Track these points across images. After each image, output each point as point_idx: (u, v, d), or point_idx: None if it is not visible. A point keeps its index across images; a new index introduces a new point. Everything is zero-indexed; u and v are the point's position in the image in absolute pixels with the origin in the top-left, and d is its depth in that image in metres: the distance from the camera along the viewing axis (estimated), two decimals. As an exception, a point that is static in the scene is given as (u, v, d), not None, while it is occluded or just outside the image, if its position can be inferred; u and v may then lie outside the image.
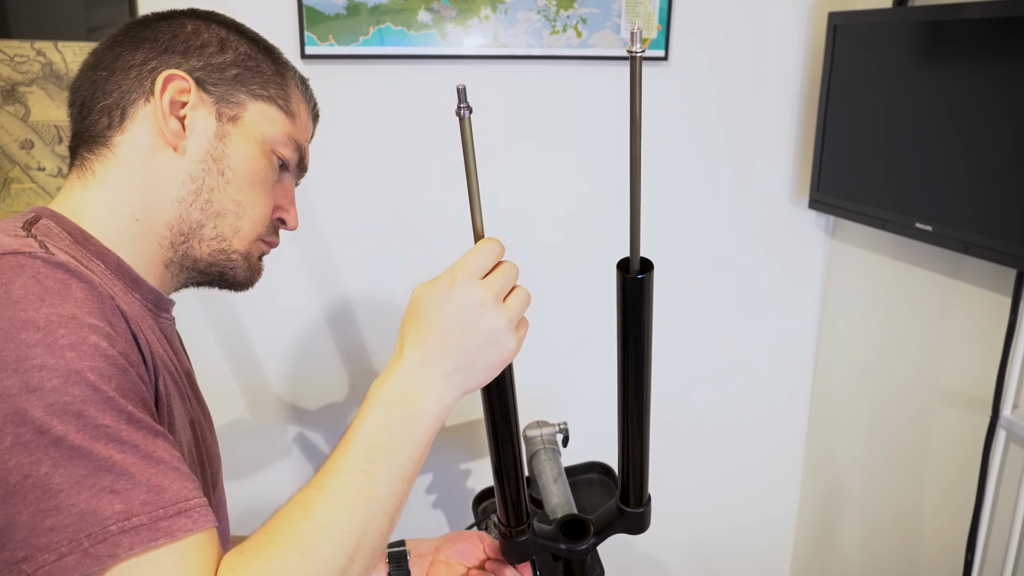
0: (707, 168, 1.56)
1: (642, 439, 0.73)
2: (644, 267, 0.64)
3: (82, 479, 0.46)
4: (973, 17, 1.14)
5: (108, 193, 0.66)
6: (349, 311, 1.43)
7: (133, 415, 0.50)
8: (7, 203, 1.22)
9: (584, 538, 0.78)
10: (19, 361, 0.46)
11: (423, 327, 0.60)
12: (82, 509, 0.45)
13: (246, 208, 0.70)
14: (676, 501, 1.75)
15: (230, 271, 0.71)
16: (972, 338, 1.33)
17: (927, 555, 1.47)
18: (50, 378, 0.46)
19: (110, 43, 0.69)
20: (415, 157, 1.39)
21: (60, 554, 0.45)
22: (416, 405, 0.59)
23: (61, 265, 0.52)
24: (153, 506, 0.48)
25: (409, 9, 1.30)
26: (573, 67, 1.42)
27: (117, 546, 0.46)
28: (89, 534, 0.45)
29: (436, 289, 0.60)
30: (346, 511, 0.54)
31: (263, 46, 0.73)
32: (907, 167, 1.30)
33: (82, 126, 0.68)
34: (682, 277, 1.61)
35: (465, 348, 0.60)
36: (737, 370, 1.71)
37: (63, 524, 0.45)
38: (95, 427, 0.47)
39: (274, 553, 0.51)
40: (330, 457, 0.57)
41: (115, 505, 0.46)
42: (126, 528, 0.46)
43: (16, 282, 0.49)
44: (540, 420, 1.05)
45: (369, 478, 0.56)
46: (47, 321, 0.48)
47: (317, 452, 1.48)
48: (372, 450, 0.57)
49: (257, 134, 0.69)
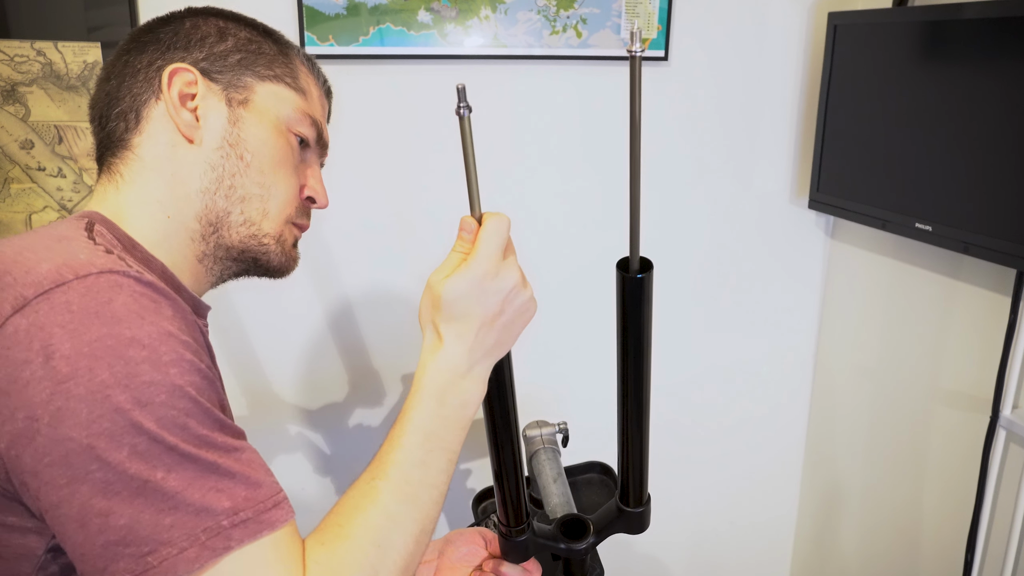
0: (707, 168, 1.56)
1: (641, 438, 0.73)
2: (644, 266, 0.64)
3: (192, 481, 0.51)
4: (973, 17, 1.14)
5: (139, 194, 0.67)
6: (349, 311, 1.44)
7: (224, 422, 0.55)
8: (7, 203, 1.22)
9: (584, 538, 0.78)
10: (129, 377, 0.50)
11: (464, 319, 0.62)
12: (196, 507, 0.50)
13: (271, 190, 0.70)
14: (676, 501, 1.75)
15: (263, 256, 0.72)
16: (972, 338, 1.33)
17: (927, 555, 1.47)
18: (158, 393, 0.51)
19: (118, 53, 0.71)
20: (415, 157, 1.39)
21: (181, 548, 0.49)
22: (466, 391, 0.63)
23: (150, 284, 0.55)
24: (254, 501, 0.53)
25: (409, 9, 1.30)
26: (573, 67, 1.42)
27: (229, 539, 0.51)
28: (205, 529, 0.50)
29: (469, 280, 0.61)
30: (412, 501, 0.60)
31: (263, 29, 0.74)
32: (907, 167, 1.30)
33: (103, 135, 0.70)
34: (682, 277, 1.61)
35: (505, 327, 0.64)
36: (737, 370, 1.71)
37: (182, 521, 0.50)
38: (198, 436, 0.52)
39: (353, 545, 0.56)
40: (389, 448, 0.61)
41: (223, 502, 0.51)
42: (236, 522, 0.51)
43: (117, 300, 0.52)
44: (540, 420, 1.05)
45: (428, 467, 0.61)
46: (150, 339, 0.52)
47: (317, 451, 1.48)
48: (429, 440, 0.62)
49: (270, 114, 0.70)
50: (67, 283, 0.51)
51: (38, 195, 1.23)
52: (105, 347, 0.50)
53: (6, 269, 0.53)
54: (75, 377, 0.49)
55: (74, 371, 0.49)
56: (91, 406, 0.49)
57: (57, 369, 0.49)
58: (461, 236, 0.64)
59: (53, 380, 0.49)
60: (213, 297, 0.79)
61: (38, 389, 0.49)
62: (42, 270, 0.52)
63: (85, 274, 0.52)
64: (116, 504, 0.49)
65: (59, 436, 0.49)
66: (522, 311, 0.65)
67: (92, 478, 0.49)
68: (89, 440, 0.49)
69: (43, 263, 0.53)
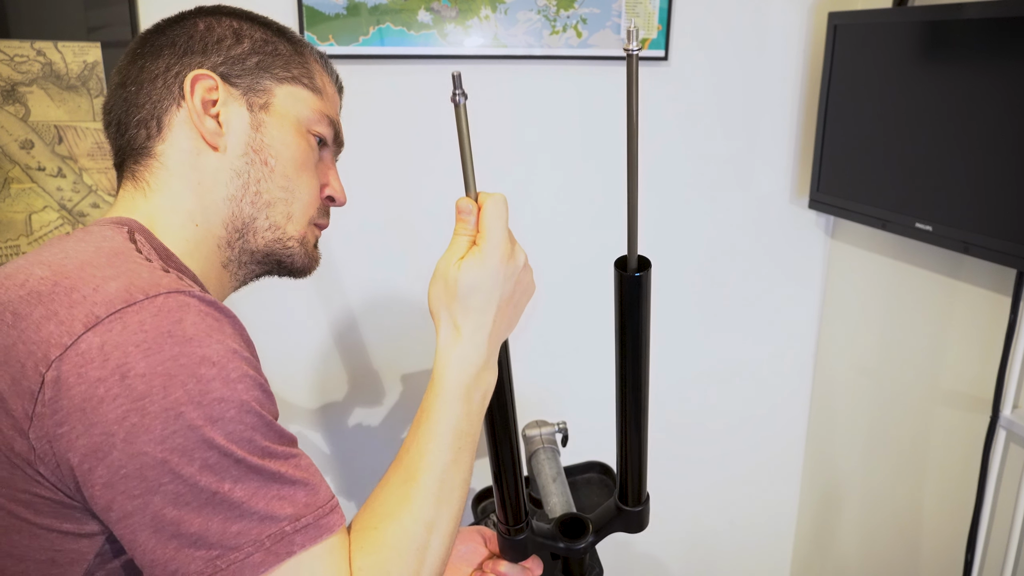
0: (707, 168, 1.56)
1: (640, 438, 0.73)
2: (642, 265, 0.64)
3: (257, 491, 0.53)
4: (973, 17, 1.14)
5: (168, 202, 0.67)
6: (349, 310, 1.44)
7: (283, 434, 0.57)
8: (7, 203, 1.22)
9: (583, 537, 0.78)
10: (202, 395, 0.52)
11: (483, 309, 0.62)
12: (262, 515, 0.53)
13: (295, 193, 0.71)
14: (676, 500, 1.75)
15: (287, 258, 0.72)
16: (972, 338, 1.33)
17: (927, 555, 1.47)
18: (228, 409, 0.53)
19: (131, 57, 0.70)
20: (415, 157, 1.39)
21: (247, 553, 0.52)
22: (487, 383, 0.65)
23: (213, 304, 0.56)
24: (314, 507, 0.55)
25: (409, 9, 1.30)
26: (573, 67, 1.43)
27: (292, 544, 0.53)
28: (270, 535, 0.53)
29: (486, 267, 0.62)
30: (448, 504, 0.62)
31: (275, 28, 0.73)
32: (907, 167, 1.30)
33: (122, 142, 0.69)
34: (682, 277, 1.61)
35: (515, 308, 0.66)
36: (737, 370, 1.71)
37: (248, 528, 0.52)
38: (262, 448, 0.54)
39: (395, 554, 0.58)
40: (417, 450, 0.62)
41: (286, 509, 0.54)
42: (298, 528, 0.54)
43: (186, 320, 0.53)
44: (539, 419, 1.05)
45: (459, 465, 0.63)
46: (219, 357, 0.53)
47: (317, 451, 1.48)
48: (459, 439, 0.63)
49: (291, 117, 0.70)
50: (138, 303, 0.52)
51: (38, 195, 1.23)
52: (179, 366, 0.51)
53: (73, 285, 0.53)
54: (150, 395, 0.50)
55: (149, 389, 0.50)
56: (165, 423, 0.50)
57: (133, 387, 0.50)
58: (461, 218, 0.63)
59: (129, 398, 0.50)
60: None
61: (114, 406, 0.50)
62: (111, 289, 0.53)
63: (155, 294, 0.53)
64: (187, 514, 0.51)
65: (134, 451, 0.50)
66: (527, 290, 0.67)
67: (164, 490, 0.51)
68: (164, 455, 0.50)
69: (110, 281, 0.54)
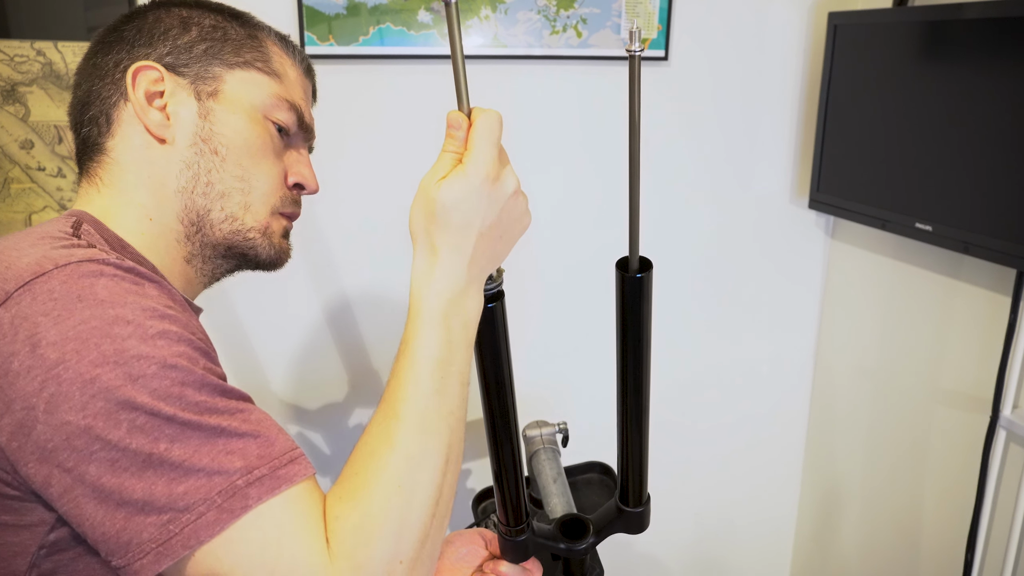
0: (707, 168, 1.56)
1: (641, 438, 0.73)
2: (643, 266, 0.64)
3: (199, 447, 0.50)
4: (973, 17, 1.14)
5: (121, 196, 0.66)
6: (349, 311, 1.43)
7: (223, 387, 0.54)
8: (7, 203, 1.22)
9: (583, 537, 0.78)
10: (118, 354, 0.49)
11: (462, 229, 0.57)
12: (208, 471, 0.50)
13: (250, 182, 0.68)
14: (676, 501, 1.75)
15: (250, 250, 0.70)
16: (972, 338, 1.33)
17: (927, 555, 1.47)
18: (148, 366, 0.50)
19: (86, 56, 0.69)
20: (415, 157, 1.39)
21: (199, 512, 0.49)
22: (468, 310, 0.60)
23: (132, 269, 0.55)
24: (268, 457, 0.52)
25: (409, 9, 1.30)
26: (573, 67, 1.42)
27: (247, 498, 0.50)
28: (220, 491, 0.50)
29: (467, 184, 0.56)
30: (431, 435, 0.56)
31: (229, 13, 0.71)
32: (907, 167, 1.30)
33: (79, 140, 0.69)
34: (682, 277, 1.61)
35: (501, 238, 0.60)
36: (737, 370, 1.71)
37: (195, 487, 0.49)
38: (196, 403, 0.51)
39: (374, 491, 0.54)
40: (396, 383, 0.57)
41: (235, 463, 0.50)
42: (251, 481, 0.50)
43: (99, 284, 0.52)
44: (540, 420, 1.05)
45: (442, 395, 0.57)
46: (135, 315, 0.51)
47: (317, 451, 1.48)
48: (439, 367, 0.58)
49: (243, 103, 0.68)
50: (47, 273, 0.51)
51: (38, 195, 1.22)
52: (90, 328, 0.49)
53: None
54: (64, 362, 0.49)
55: (62, 356, 0.49)
56: (83, 388, 0.48)
57: (45, 356, 0.49)
58: (450, 134, 0.58)
59: (43, 368, 0.49)
60: (212, 295, 0.79)
61: (29, 379, 0.49)
62: (22, 264, 0.52)
63: (65, 263, 0.52)
64: (127, 480, 0.49)
65: (58, 422, 0.49)
66: (518, 220, 0.61)
67: (97, 457, 0.49)
68: (87, 422, 0.48)
69: (23, 258, 0.53)
